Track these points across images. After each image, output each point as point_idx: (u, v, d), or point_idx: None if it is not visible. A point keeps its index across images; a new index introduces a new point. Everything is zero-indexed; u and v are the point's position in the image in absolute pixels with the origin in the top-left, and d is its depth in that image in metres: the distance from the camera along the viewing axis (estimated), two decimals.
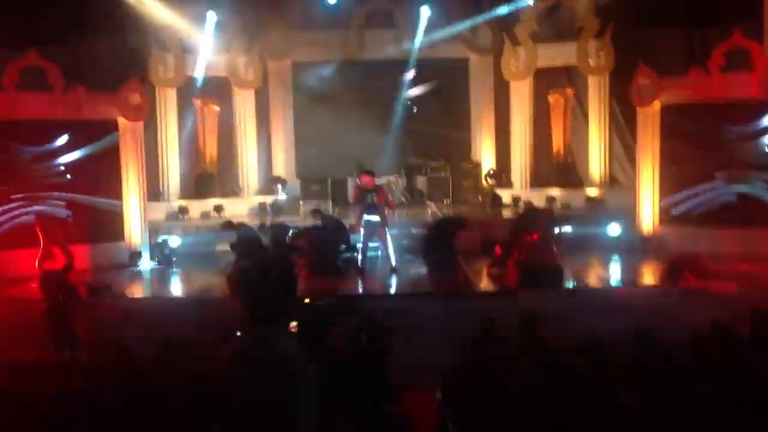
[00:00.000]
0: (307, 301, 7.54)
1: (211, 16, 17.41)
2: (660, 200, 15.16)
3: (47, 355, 8.98)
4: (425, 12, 18.53)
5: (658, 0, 16.39)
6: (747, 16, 14.96)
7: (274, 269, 3.16)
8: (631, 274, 13.48)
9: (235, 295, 10.99)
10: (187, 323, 9.20)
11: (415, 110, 19.88)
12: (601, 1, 17.72)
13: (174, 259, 14.61)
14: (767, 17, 14.85)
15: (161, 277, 14.13)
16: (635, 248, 14.58)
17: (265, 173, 19.44)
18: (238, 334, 4.61)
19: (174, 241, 14.82)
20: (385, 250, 13.50)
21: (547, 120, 19.03)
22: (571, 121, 18.92)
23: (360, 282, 12.98)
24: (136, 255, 14.46)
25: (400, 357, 7.56)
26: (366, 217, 13.24)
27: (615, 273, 13.50)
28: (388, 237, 13.46)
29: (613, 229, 14.97)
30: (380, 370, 6.02)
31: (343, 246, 13.99)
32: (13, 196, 13.54)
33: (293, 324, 3.34)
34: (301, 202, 18.44)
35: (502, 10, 18.26)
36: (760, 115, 14.19)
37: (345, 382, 5.44)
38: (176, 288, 13.96)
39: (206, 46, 17.77)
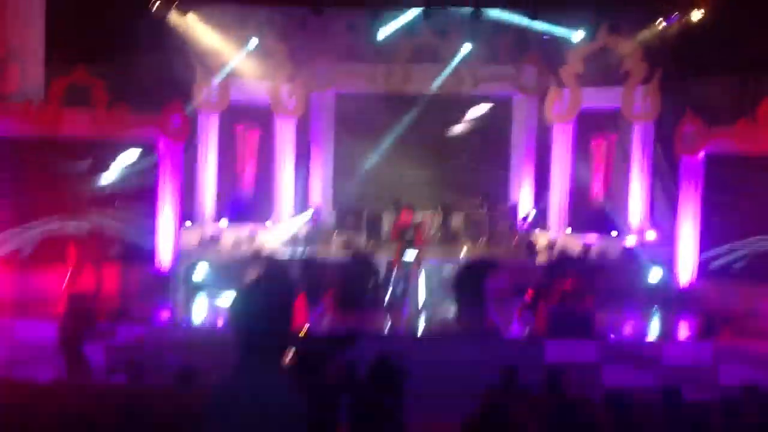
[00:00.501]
0: (302, 332, 7.34)
1: (254, 42, 17.51)
2: (700, 252, 14.76)
3: (60, 377, 8.92)
4: (469, 48, 18.48)
5: (708, 48, 16.06)
6: None
7: (268, 294, 3.01)
8: (665, 327, 13.10)
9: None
10: (205, 352, 9.07)
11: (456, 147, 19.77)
12: (650, 47, 17.49)
13: (201, 287, 14.51)
14: None
15: (186, 304, 14.04)
16: (672, 301, 14.17)
17: (301, 202, 19.41)
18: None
19: (200, 272, 14.66)
20: (416, 289, 13.34)
21: (588, 164, 18.77)
22: (613, 166, 18.63)
23: (386, 319, 12.78)
24: (164, 280, 14.44)
25: (418, 399, 7.40)
26: (404, 254, 13.13)
27: (649, 325, 13.11)
28: (421, 275, 13.34)
29: (655, 274, 14.57)
30: (391, 412, 5.82)
31: (372, 282, 13.85)
32: (47, 214, 13.61)
33: (286, 357, 3.17)
34: (335, 233, 18.32)
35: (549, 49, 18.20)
36: None
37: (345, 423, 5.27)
38: (198, 316, 13.81)
39: (251, 72, 17.90)
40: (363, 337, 8.78)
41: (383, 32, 18.19)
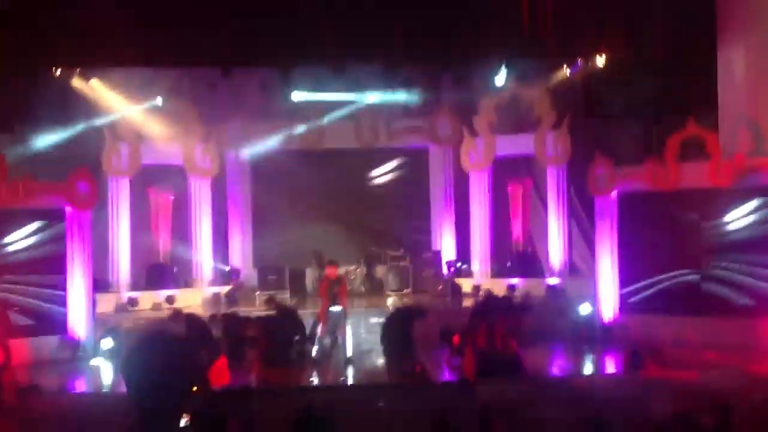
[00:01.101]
0: (199, 390, 6.98)
1: (160, 103, 17.28)
2: (620, 288, 14.97)
3: None
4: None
5: (616, 92, 16.59)
6: (704, 108, 15.20)
7: (163, 352, 2.77)
8: (591, 362, 13.14)
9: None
10: (121, 422, 8.58)
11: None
12: (558, 94, 17.96)
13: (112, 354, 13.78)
14: (722, 107, 15.13)
15: (100, 373, 13.32)
16: (596, 337, 14.26)
17: (221, 263, 19.03)
18: None
19: (106, 344, 13.97)
20: (342, 340, 13.12)
21: (506, 209, 19.02)
22: (530, 210, 18.93)
23: (313, 373, 12.47)
24: (77, 349, 13.79)
25: None
26: (331, 308, 13.02)
27: (575, 362, 13.12)
28: (347, 327, 13.16)
29: (580, 311, 14.66)
30: None
31: (298, 336, 13.56)
32: None
33: (184, 418, 2.91)
34: (257, 293, 17.96)
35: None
36: (717, 203, 14.17)
37: None
38: (111, 385, 12.86)
39: (162, 134, 17.61)
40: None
41: (297, 95, 18.21)
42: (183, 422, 2.68)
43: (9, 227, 13.67)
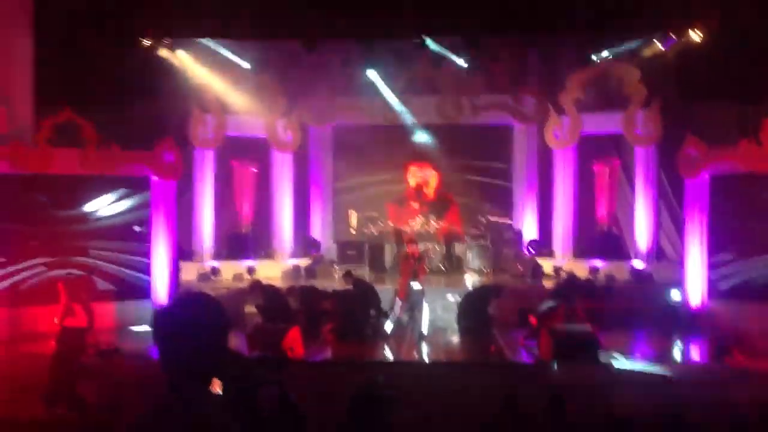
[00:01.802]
0: (234, 355, 6.95)
1: (245, 75, 17.42)
2: (708, 274, 14.40)
3: (40, 413, 8.62)
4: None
5: (710, 72, 15.85)
6: None
7: (197, 314, 2.69)
8: (676, 349, 12.69)
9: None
10: None
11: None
12: (650, 71, 17.28)
13: None
14: None
15: None
16: (682, 323, 13.77)
17: (300, 236, 19.19)
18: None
19: None
20: (419, 318, 13.03)
21: (592, 189, 18.52)
22: (617, 190, 18.37)
23: (389, 348, 12.43)
24: None
25: (412, 429, 7.05)
26: (411, 284, 12.91)
27: (658, 348, 12.68)
28: (424, 304, 13.06)
29: (675, 295, 14.18)
30: None
31: (374, 312, 13.55)
32: (39, 250, 13.41)
33: (216, 383, 2.83)
34: (336, 267, 18.04)
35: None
36: None
37: None
38: None
39: (246, 107, 17.79)
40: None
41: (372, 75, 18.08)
42: (214, 388, 2.62)
43: (97, 194, 14.05)
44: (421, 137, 19.53)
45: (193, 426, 2.39)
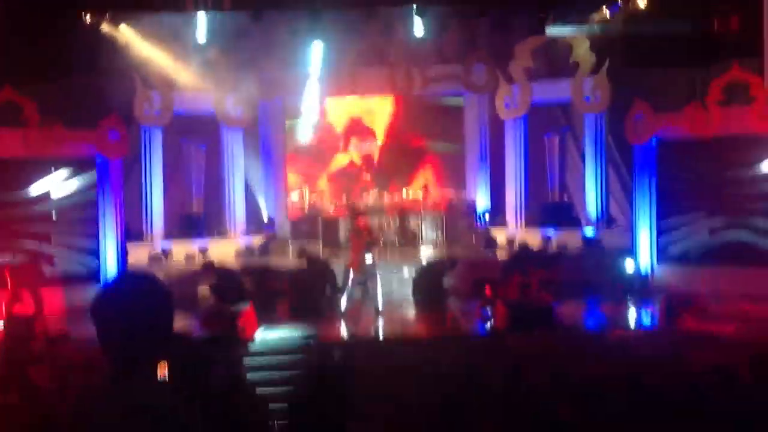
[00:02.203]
0: (181, 336, 6.83)
1: (191, 49, 17.07)
2: (657, 239, 14.60)
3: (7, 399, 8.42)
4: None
5: (657, 38, 15.94)
6: (746, 53, 14.57)
7: (139, 293, 2.56)
8: (627, 315, 12.86)
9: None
10: None
11: None
12: (597, 38, 17.34)
13: None
14: (767, 50, 14.47)
15: None
16: (633, 288, 13.96)
17: (253, 214, 18.95)
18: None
19: None
20: (373, 292, 12.96)
21: (542, 158, 18.61)
22: (567, 159, 18.49)
23: (343, 324, 12.37)
24: None
25: (369, 405, 7.00)
26: (363, 258, 12.77)
27: (610, 314, 12.85)
28: (377, 278, 12.98)
29: (627, 264, 14.30)
30: (334, 421, 5.40)
31: (329, 288, 13.46)
32: None
33: (162, 366, 2.72)
34: (290, 243, 17.88)
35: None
36: (760, 150, 13.67)
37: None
38: None
39: (194, 83, 17.41)
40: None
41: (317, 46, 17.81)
42: (159, 371, 2.52)
43: (41, 176, 13.67)
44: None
45: (136, 409, 2.28)
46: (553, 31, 17.50)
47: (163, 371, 2.99)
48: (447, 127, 19.99)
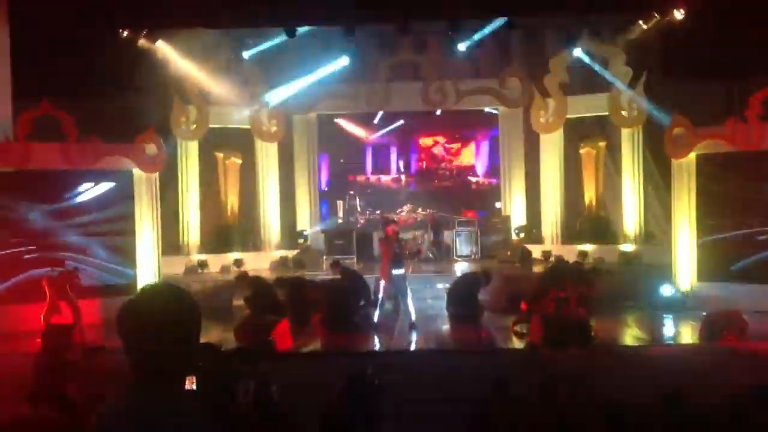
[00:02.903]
0: (209, 346, 6.76)
1: (227, 64, 17.24)
2: (697, 255, 14.34)
3: (25, 413, 8.45)
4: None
5: (694, 50, 15.72)
6: None
7: (165, 303, 2.53)
8: (665, 332, 12.64)
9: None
10: None
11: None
12: (634, 51, 17.17)
13: None
14: None
15: None
16: (672, 305, 13.72)
17: (287, 227, 19.02)
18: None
19: None
20: (405, 305, 12.87)
21: (579, 173, 18.46)
22: (604, 173, 18.30)
23: (376, 337, 12.32)
24: None
25: (402, 418, 6.95)
26: (392, 269, 12.69)
27: (648, 331, 12.63)
28: (408, 291, 12.88)
29: (666, 290, 14.05)
30: None
31: (363, 301, 13.43)
32: (22, 249, 13.21)
33: (190, 378, 2.67)
34: (324, 257, 17.91)
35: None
36: None
37: None
38: None
39: (229, 98, 17.57)
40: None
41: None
42: (188, 384, 2.47)
43: (79, 188, 13.83)
44: None
45: (161, 422, 2.24)
46: (588, 45, 17.40)
47: (191, 383, 2.96)
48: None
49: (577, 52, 17.55)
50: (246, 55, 17.64)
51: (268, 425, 4.84)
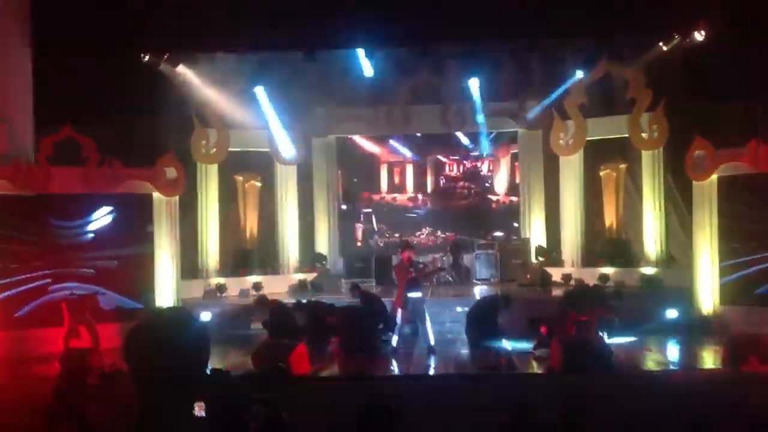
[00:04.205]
0: (219, 372, 6.70)
1: (259, 92, 17.33)
2: (720, 278, 14.16)
3: None
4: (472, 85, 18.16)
5: (715, 72, 15.63)
6: None
7: (173, 328, 2.49)
8: (688, 357, 12.46)
9: None
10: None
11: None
12: (654, 73, 17.08)
13: None
14: None
15: None
16: (694, 329, 13.54)
17: (306, 250, 19.01)
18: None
19: (205, 316, 14.13)
20: (423, 329, 12.79)
21: (599, 195, 18.31)
22: (624, 196, 18.14)
23: (393, 361, 12.22)
24: None
25: None
26: (408, 293, 12.61)
27: (671, 356, 12.46)
28: (427, 315, 12.81)
29: (671, 314, 13.92)
30: None
31: (381, 325, 13.35)
32: (42, 273, 13.27)
33: (199, 404, 2.63)
34: (343, 281, 17.87)
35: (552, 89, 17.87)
36: None
37: None
38: None
39: (248, 121, 17.67)
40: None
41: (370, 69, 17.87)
42: (195, 410, 2.42)
43: (99, 212, 13.90)
44: None
45: None
46: (608, 66, 17.35)
47: (199, 409, 2.94)
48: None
49: (598, 74, 17.48)
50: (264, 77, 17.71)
51: None
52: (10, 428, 8.92)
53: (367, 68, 17.51)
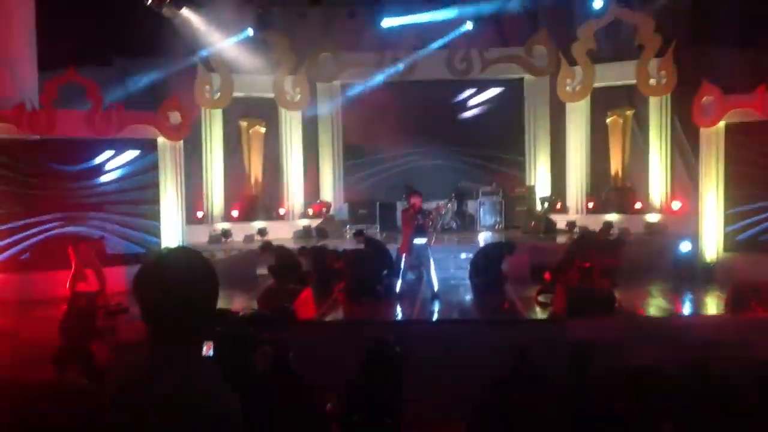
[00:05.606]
0: (226, 312, 6.73)
1: (251, 34, 17.12)
2: (724, 225, 14.15)
3: (50, 377, 8.55)
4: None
5: (723, 18, 15.39)
6: None
7: (182, 267, 2.48)
8: (692, 303, 12.51)
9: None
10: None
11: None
12: (663, 19, 16.84)
13: None
14: None
15: None
16: (697, 276, 13.57)
17: (311, 196, 19.01)
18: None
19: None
20: (428, 275, 12.81)
21: (605, 142, 18.23)
22: (630, 143, 18.05)
23: (398, 307, 12.30)
24: None
25: (424, 388, 6.94)
26: (414, 240, 12.61)
27: (674, 301, 12.52)
28: (431, 261, 12.81)
29: (685, 246, 13.90)
30: (387, 403, 5.32)
31: (385, 271, 13.38)
32: (47, 217, 13.28)
33: (207, 344, 2.63)
34: (347, 227, 17.90)
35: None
36: None
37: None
38: None
39: (253, 66, 17.52)
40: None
41: (388, 22, 17.71)
42: (205, 350, 2.44)
43: (104, 156, 13.85)
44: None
45: (177, 386, 2.20)
46: (615, 12, 17.11)
47: (208, 349, 2.94)
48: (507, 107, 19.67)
49: (607, 19, 17.26)
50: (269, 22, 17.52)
51: (285, 391, 4.82)
52: (18, 369, 9.02)
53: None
